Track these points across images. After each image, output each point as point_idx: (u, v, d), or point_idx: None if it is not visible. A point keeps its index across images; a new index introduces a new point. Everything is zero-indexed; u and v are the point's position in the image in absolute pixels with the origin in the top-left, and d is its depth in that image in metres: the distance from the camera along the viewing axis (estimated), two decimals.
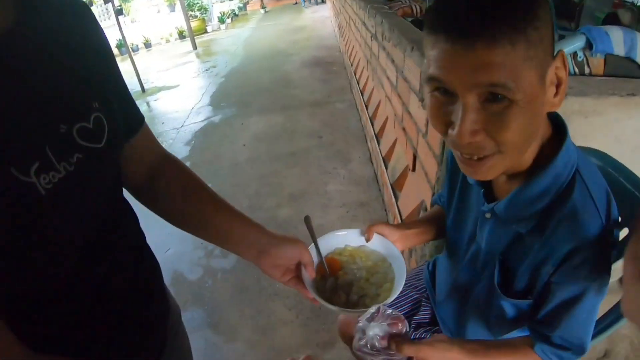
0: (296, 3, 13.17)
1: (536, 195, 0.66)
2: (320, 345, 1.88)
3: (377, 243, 0.97)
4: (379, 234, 0.97)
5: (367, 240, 0.97)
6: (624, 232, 0.76)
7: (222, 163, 3.75)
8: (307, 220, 0.99)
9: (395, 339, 0.69)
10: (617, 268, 0.70)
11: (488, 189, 0.77)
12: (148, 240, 0.77)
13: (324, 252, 0.95)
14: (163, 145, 0.81)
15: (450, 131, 0.58)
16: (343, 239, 0.99)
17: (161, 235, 2.78)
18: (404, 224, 1.05)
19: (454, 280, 0.97)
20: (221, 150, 4.01)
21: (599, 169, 0.70)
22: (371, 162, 3.37)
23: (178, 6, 11.14)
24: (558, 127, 0.68)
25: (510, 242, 0.74)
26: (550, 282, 0.67)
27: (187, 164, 3.68)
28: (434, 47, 0.55)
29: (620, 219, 0.73)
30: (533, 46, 0.52)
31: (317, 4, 13.70)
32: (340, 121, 4.21)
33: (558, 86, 0.59)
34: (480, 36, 0.50)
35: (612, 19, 4.45)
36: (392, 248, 0.95)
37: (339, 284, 0.90)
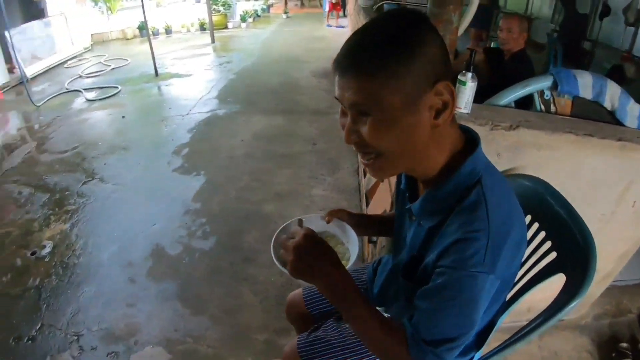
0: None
1: (442, 198, 0.77)
2: (276, 331, 2.03)
3: (337, 228, 1.10)
4: (338, 219, 1.10)
5: (327, 222, 1.10)
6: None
7: (218, 154, 3.91)
8: (299, 222, 1.08)
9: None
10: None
11: (413, 193, 0.90)
12: (135, 216, 0.84)
13: None
14: (166, 129, 0.88)
15: None
16: (307, 224, 1.06)
17: (150, 211, 3.00)
18: (362, 214, 1.21)
19: (388, 278, 1.08)
20: (220, 142, 4.16)
21: (534, 192, 0.85)
22: (357, 173, 3.53)
23: None
24: (472, 141, 0.80)
25: (424, 239, 0.82)
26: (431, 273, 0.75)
27: (186, 150, 3.94)
28: (334, 77, 0.74)
29: (546, 234, 0.94)
30: (396, 79, 0.67)
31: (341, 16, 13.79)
32: (337, 132, 4.27)
33: (442, 111, 0.71)
34: (349, 70, 0.70)
35: (617, 71, 4.56)
36: (350, 232, 1.07)
37: None
